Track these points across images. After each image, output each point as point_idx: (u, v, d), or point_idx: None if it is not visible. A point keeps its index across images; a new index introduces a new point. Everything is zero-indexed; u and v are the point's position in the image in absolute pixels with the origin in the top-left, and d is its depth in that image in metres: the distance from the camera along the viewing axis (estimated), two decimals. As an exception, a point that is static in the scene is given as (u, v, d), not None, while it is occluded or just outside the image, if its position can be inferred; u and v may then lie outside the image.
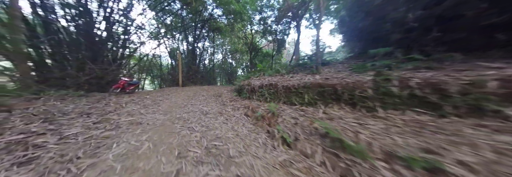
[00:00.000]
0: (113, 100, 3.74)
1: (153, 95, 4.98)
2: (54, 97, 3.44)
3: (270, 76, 4.38)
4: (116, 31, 6.63)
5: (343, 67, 4.58)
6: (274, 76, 4.25)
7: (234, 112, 2.89)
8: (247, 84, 4.09)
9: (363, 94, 2.22)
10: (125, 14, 6.73)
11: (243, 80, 4.91)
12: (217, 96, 5.01)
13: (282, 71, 4.56)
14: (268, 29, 10.73)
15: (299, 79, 3.15)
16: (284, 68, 5.14)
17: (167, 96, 4.78)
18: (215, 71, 15.75)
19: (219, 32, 11.89)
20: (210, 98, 4.61)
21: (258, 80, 3.96)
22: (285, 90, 2.96)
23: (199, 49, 11.89)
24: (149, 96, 4.56)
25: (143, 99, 4.05)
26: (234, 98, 4.31)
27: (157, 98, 4.40)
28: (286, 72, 4.51)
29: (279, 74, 4.40)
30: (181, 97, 4.63)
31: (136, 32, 7.98)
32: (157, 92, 5.80)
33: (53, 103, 3.04)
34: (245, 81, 4.45)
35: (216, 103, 3.89)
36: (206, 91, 6.35)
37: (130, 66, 8.18)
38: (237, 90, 5.06)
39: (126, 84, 5.11)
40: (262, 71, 5.28)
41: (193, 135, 1.82)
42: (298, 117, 2.24)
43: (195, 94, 5.31)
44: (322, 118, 2.18)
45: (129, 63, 8.34)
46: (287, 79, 3.48)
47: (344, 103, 2.39)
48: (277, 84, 3.16)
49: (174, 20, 10.54)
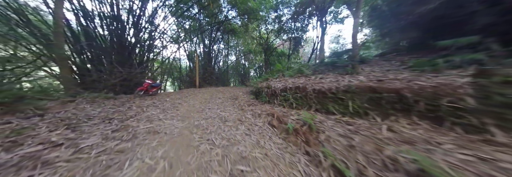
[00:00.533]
0: (136, 102, 3.75)
1: (172, 97, 4.98)
2: (87, 100, 3.60)
3: (292, 78, 3.91)
4: (142, 36, 6.99)
5: (392, 65, 3.68)
6: (297, 78, 3.77)
7: (255, 119, 2.53)
8: (266, 87, 3.71)
9: (456, 105, 1.49)
10: (150, 21, 7.05)
11: (260, 82, 4.56)
12: (233, 98, 4.75)
13: (306, 71, 4.02)
14: (284, 27, 10.15)
15: (335, 81, 2.61)
16: (308, 68, 4.56)
17: (185, 98, 4.70)
18: (228, 72, 15.81)
19: (234, 34, 11.81)
20: (226, 101, 4.36)
21: (279, 82, 3.55)
22: (317, 94, 2.46)
23: (214, 52, 12.03)
24: (169, 98, 4.53)
25: (163, 102, 4.00)
26: (252, 102, 3.96)
27: (176, 100, 4.33)
28: (311, 73, 3.97)
29: (302, 75, 3.89)
30: (199, 100, 4.49)
31: (160, 37, 8.35)
32: (176, 94, 5.84)
33: (83, 106, 3.13)
34: (263, 83, 4.08)
35: (234, 107, 3.60)
36: (221, 93, 6.18)
37: (153, 69, 8.60)
38: (253, 92, 4.72)
39: (149, 86, 5.23)
40: (281, 72, 4.84)
41: (214, 152, 1.51)
42: (350, 135, 1.64)
43: (212, 97, 5.15)
44: (391, 138, 1.48)
45: (153, 67, 8.79)
46: (317, 81, 2.98)
47: (417, 116, 1.69)
48: (305, 87, 2.67)
49: (192, 25, 10.83)
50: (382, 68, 3.53)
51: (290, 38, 10.48)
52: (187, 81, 11.29)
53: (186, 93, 6.27)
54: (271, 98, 3.36)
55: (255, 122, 2.37)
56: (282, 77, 4.19)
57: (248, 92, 6.39)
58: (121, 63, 5.66)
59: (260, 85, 4.10)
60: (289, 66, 5.02)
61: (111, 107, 3.09)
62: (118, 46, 5.80)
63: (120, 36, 5.90)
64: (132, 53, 6.39)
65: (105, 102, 3.49)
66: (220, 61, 13.99)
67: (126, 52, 6.07)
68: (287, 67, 7.57)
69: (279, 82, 3.61)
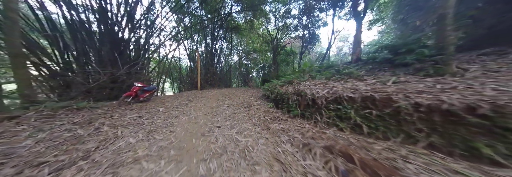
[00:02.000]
0: (114, 117, 2.59)
1: (168, 104, 3.81)
2: (40, 114, 2.42)
3: (331, 81, 2.77)
4: (136, 31, 5.77)
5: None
6: (342, 81, 2.63)
7: (305, 158, 1.38)
8: (296, 93, 2.59)
9: None
10: (146, 15, 5.84)
11: (281, 85, 3.42)
12: (245, 106, 3.62)
13: (355, 72, 2.80)
14: (294, 23, 8.92)
15: (441, 90, 1.45)
16: (347, 68, 3.33)
17: (184, 107, 3.54)
18: (231, 72, 14.63)
19: (237, 31, 10.62)
20: (238, 111, 3.22)
21: (318, 87, 2.40)
22: (428, 114, 1.27)
23: (216, 51, 10.83)
24: (163, 108, 3.37)
25: (154, 114, 2.84)
26: (273, 113, 2.84)
27: (171, 110, 3.18)
28: (362, 74, 2.73)
29: (350, 77, 2.71)
30: (202, 109, 3.35)
31: (156, 32, 7.12)
32: (174, 99, 4.67)
33: (30, 123, 1.98)
34: (288, 88, 2.95)
35: (253, 122, 2.47)
36: (228, 98, 5.03)
37: (149, 69, 7.37)
38: (270, 98, 3.58)
39: (140, 91, 4.06)
40: (306, 73, 3.69)
41: None
42: None
43: (218, 103, 4.00)
44: None
45: (148, 66, 7.56)
46: (394, 88, 1.79)
47: None
48: (391, 99, 1.49)
49: (193, 21, 9.62)
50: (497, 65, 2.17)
51: (303, 35, 9.29)
52: (188, 83, 10.10)
53: (186, 97, 5.10)
54: (308, 111, 2.25)
55: (310, 168, 1.24)
56: (311, 80, 3.06)
57: (259, 97, 5.25)
58: (111, 62, 4.47)
59: (284, 90, 2.97)
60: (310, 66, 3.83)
61: (66, 129, 1.93)
62: (108, 42, 4.60)
63: (110, 30, 4.69)
64: (124, 51, 5.18)
65: (66, 118, 2.32)
66: (222, 61, 12.81)
67: (118, 49, 4.87)
68: (298, 68, 6.43)
69: (317, 87, 2.47)
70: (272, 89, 3.88)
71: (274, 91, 3.47)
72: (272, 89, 3.81)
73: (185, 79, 10.59)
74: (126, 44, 5.23)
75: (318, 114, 2.06)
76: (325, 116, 1.96)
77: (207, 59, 9.84)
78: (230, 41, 12.26)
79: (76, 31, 4.18)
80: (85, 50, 4.43)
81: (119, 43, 4.93)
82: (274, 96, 3.41)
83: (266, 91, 4.59)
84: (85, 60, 4.43)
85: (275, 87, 3.62)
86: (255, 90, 7.99)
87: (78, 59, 4.32)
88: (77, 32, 4.20)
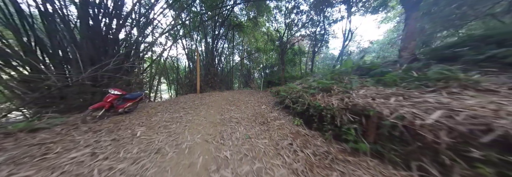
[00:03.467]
0: (52, 151, 1.50)
1: (155, 120, 2.70)
2: None
3: (402, 89, 1.66)
4: (124, 24, 4.62)
5: None
6: (435, 91, 1.48)
7: None
8: (351, 110, 1.54)
9: None
10: (136, 8, 4.69)
11: (312, 94, 2.37)
12: (261, 122, 2.55)
13: (459, 75, 1.46)
14: (303, 19, 7.80)
15: None
16: (449, 70, 1.77)
17: (176, 125, 2.44)
18: (233, 73, 13.51)
19: (240, 29, 9.51)
20: (256, 134, 2.13)
21: (416, 108, 1.30)
22: None
23: (217, 51, 9.72)
24: (143, 129, 2.26)
25: (123, 145, 1.74)
26: (310, 139, 1.79)
27: (155, 133, 2.07)
28: (472, 80, 1.50)
29: (446, 83, 1.50)
30: (201, 129, 2.24)
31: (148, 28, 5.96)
32: (165, 109, 3.56)
33: None
34: (330, 100, 1.90)
35: (288, 165, 1.40)
36: (234, 105, 3.95)
37: (140, 69, 6.20)
38: (295, 111, 2.53)
39: (118, 100, 2.95)
40: (345, 75, 2.62)
41: None
42: None
43: (223, 117, 2.89)
44: None
45: (140, 66, 6.39)
46: None
47: None
48: None
49: (193, 19, 8.48)
50: None
51: (314, 33, 8.20)
52: (186, 85, 8.95)
53: (182, 105, 4.00)
54: (388, 145, 1.21)
55: None
56: (367, 87, 1.99)
57: (270, 103, 4.19)
58: (92, 62, 3.32)
59: (322, 103, 1.92)
60: (353, 66, 2.68)
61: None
62: (90, 37, 3.45)
63: (94, 22, 3.54)
64: (110, 48, 4.03)
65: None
66: (223, 61, 11.68)
67: (101, 45, 3.72)
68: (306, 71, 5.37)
69: (394, 101, 1.41)
70: (293, 95, 2.81)
71: (301, 100, 2.41)
72: (295, 96, 2.74)
73: (183, 81, 9.43)
74: (113, 40, 4.08)
75: (431, 161, 0.99)
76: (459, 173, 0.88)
77: (207, 59, 8.72)
78: (232, 40, 11.16)
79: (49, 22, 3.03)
80: (62, 47, 3.27)
81: (103, 39, 3.79)
82: (301, 107, 2.35)
83: (281, 97, 3.53)
84: (61, 59, 3.27)
85: (300, 95, 2.56)
86: (260, 93, 6.92)
87: (54, 57, 3.17)
88: (50, 23, 3.04)
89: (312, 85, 2.72)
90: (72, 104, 3.18)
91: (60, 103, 3.17)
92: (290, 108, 2.88)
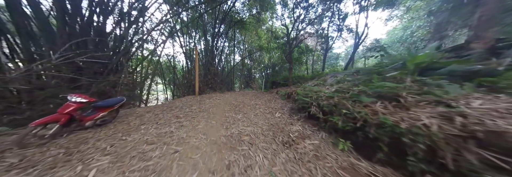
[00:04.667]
0: None
1: (135, 136, 1.85)
2: None
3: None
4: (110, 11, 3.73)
5: None
6: None
7: None
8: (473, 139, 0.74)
9: None
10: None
11: (367, 104, 1.56)
12: (284, 143, 1.75)
13: None
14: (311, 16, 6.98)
15: None
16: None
17: (164, 143, 1.57)
18: (234, 73, 12.67)
19: (242, 26, 8.67)
20: (280, 161, 1.31)
21: None
22: None
23: (218, 49, 8.88)
24: (109, 156, 1.43)
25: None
26: None
27: (129, 161, 1.24)
28: None
29: None
30: (199, 154, 1.38)
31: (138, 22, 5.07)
32: (153, 120, 2.71)
33: None
34: (423, 118, 1.07)
35: None
36: (241, 112, 3.13)
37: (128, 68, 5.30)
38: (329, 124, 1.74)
39: (81, 110, 2.10)
40: (409, 75, 1.73)
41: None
42: None
43: (228, 133, 2.04)
44: None
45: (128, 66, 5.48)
46: None
47: None
48: None
49: (191, 16, 7.62)
50: None
51: (326, 28, 7.35)
52: (184, 86, 8.08)
53: (175, 112, 3.15)
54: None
55: None
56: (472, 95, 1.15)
57: (283, 109, 3.38)
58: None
59: (393, 119, 1.14)
60: (429, 61, 1.78)
61: None
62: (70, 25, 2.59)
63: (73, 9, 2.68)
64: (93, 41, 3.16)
65: None
66: (224, 61, 10.82)
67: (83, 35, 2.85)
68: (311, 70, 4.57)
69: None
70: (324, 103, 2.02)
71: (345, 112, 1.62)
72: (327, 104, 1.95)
73: (181, 81, 8.55)
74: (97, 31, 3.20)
75: None
76: None
77: (207, 58, 7.87)
78: (233, 39, 10.31)
79: None
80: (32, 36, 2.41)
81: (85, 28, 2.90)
82: (346, 124, 1.57)
83: (301, 103, 2.74)
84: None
85: (335, 102, 1.77)
86: (266, 96, 6.10)
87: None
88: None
89: (349, 88, 1.92)
90: (42, 110, 2.36)
91: (25, 109, 2.34)
92: (318, 119, 2.09)
